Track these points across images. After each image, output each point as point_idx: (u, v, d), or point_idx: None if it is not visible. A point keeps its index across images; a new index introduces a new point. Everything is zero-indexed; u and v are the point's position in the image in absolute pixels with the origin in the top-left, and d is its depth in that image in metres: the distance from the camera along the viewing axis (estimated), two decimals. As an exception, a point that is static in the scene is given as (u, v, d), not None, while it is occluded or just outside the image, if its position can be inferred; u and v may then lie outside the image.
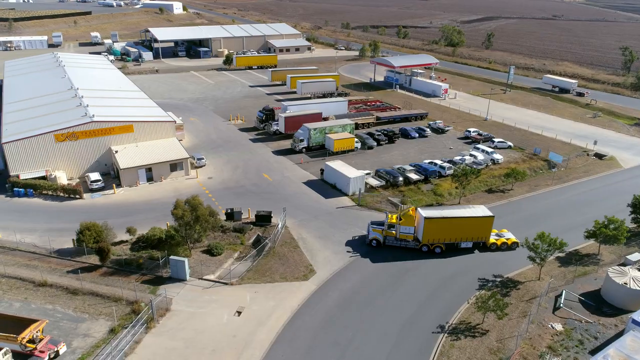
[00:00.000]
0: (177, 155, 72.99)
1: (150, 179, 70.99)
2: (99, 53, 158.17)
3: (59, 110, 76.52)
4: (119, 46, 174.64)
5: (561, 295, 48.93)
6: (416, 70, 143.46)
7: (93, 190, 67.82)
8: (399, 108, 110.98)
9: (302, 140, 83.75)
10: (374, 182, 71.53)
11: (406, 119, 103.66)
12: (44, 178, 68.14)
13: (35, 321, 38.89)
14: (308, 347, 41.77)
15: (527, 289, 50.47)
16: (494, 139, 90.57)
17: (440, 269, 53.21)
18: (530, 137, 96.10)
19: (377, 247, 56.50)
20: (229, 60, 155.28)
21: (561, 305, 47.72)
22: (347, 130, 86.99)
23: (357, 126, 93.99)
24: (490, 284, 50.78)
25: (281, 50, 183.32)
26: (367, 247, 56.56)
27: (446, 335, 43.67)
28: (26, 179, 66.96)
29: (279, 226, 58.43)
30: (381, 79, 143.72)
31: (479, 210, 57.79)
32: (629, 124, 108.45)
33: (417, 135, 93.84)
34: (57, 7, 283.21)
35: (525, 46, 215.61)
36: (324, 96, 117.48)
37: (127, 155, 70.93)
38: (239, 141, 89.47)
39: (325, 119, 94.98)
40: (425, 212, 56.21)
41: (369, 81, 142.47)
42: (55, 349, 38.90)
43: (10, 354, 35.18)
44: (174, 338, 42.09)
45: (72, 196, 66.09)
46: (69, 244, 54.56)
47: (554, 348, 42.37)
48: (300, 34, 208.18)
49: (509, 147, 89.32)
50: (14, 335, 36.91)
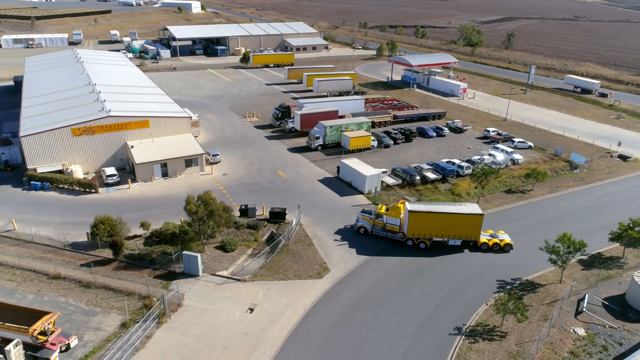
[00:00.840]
0: (192, 151, 72.73)
1: (165, 174, 70.84)
2: (117, 51, 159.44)
3: (76, 105, 76.91)
4: (137, 44, 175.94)
5: (584, 299, 47.23)
6: (434, 70, 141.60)
7: (108, 185, 67.88)
8: (417, 107, 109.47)
9: (317, 138, 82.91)
10: (390, 180, 70.35)
11: (423, 118, 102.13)
12: (60, 172, 68.47)
13: (47, 313, 38.68)
14: (321, 346, 40.86)
15: (548, 291, 48.84)
16: (513, 139, 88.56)
17: (457, 270, 51.83)
18: (551, 137, 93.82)
19: (365, 234, 57.15)
20: (245, 59, 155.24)
21: (584, 309, 46.02)
22: (364, 128, 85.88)
23: (373, 124, 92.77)
24: (509, 286, 49.27)
25: (298, 49, 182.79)
26: (377, 243, 55.77)
27: (463, 337, 42.37)
28: (43, 173, 67.32)
29: (293, 223, 57.63)
30: (398, 78, 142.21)
31: (468, 207, 55.92)
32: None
33: (434, 134, 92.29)
34: (78, 6, 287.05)
35: (546, 46, 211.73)
36: (340, 95, 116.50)
37: (143, 151, 70.88)
38: (255, 138, 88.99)
39: (342, 117, 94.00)
40: (410, 206, 55.42)
41: (386, 80, 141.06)
42: (67, 342, 38.64)
43: (21, 345, 34.96)
44: (186, 334, 41.55)
45: (88, 190, 66.24)
46: (83, 237, 54.54)
47: (576, 353, 40.78)
48: (318, 32, 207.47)
49: (529, 147, 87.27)
50: (26, 327, 36.71)
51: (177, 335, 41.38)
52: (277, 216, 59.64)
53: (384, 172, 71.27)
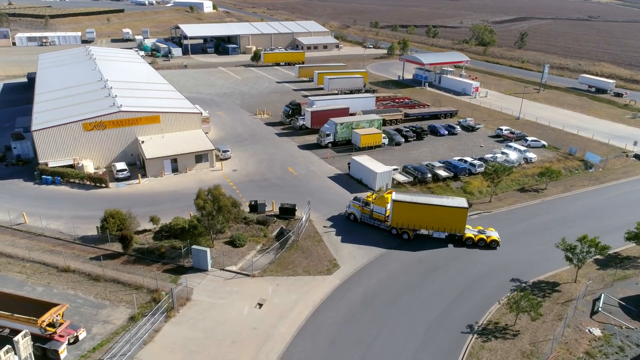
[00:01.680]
0: (203, 146, 72.57)
1: (175, 169, 70.75)
2: (130, 49, 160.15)
3: (88, 101, 77.12)
4: (149, 42, 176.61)
5: (599, 298, 46.16)
6: (446, 69, 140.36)
7: (119, 180, 67.92)
8: (428, 105, 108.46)
9: (328, 135, 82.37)
10: (401, 178, 69.58)
11: (435, 116, 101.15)
12: (71, 166, 68.62)
13: (55, 305, 38.53)
14: (330, 342, 40.31)
15: (562, 291, 47.85)
16: (527, 138, 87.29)
17: (469, 269, 50.98)
18: (565, 136, 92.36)
19: (354, 221, 58.70)
20: (256, 57, 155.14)
21: (600, 309, 44.98)
22: (375, 126, 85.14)
23: (384, 122, 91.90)
24: (522, 285, 48.31)
25: (309, 48, 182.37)
26: (384, 235, 55.26)
27: (476, 335, 41.57)
28: (54, 167, 67.53)
29: (303, 219, 57.16)
30: (410, 76, 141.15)
31: (454, 201, 55.51)
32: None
33: (446, 132, 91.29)
34: (92, 5, 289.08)
35: (559, 46, 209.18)
36: (351, 93, 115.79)
37: (153, 146, 70.85)
38: (265, 135, 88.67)
39: (352, 114, 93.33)
40: (395, 195, 56.04)
41: (397, 79, 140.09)
42: (75, 334, 38.51)
43: (30, 336, 34.81)
44: (194, 328, 41.23)
45: (98, 185, 66.32)
46: (93, 231, 54.53)
47: (592, 354, 39.80)
48: (329, 31, 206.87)
49: (543, 146, 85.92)
50: (34, 318, 36.58)
51: (185, 329, 41.07)
52: (287, 212, 59.20)
53: (395, 170, 70.52)
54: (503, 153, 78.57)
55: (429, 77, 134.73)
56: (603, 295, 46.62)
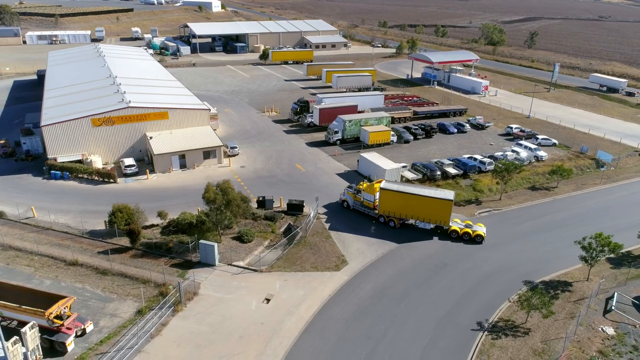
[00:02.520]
0: (211, 143, 72.41)
1: (183, 165, 70.66)
2: (138, 47, 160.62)
3: (96, 97, 77.28)
4: (158, 41, 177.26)
5: (613, 297, 45.34)
6: (455, 67, 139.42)
7: (127, 175, 67.93)
8: (437, 103, 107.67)
9: (336, 132, 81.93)
10: (410, 175, 68.98)
11: (444, 114, 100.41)
12: (80, 162, 68.71)
13: (63, 297, 38.44)
14: (338, 338, 39.87)
15: (574, 289, 47.07)
16: (537, 136, 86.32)
17: (479, 266, 50.32)
18: (576, 135, 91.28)
19: (347, 208, 60.29)
20: (265, 55, 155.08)
21: (613, 308, 44.16)
22: (383, 123, 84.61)
23: (393, 120, 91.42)
24: (533, 283, 47.59)
25: (317, 47, 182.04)
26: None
27: (486, 333, 40.94)
28: (63, 162, 67.62)
29: (311, 216, 56.76)
30: (418, 75, 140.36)
31: (440, 192, 55.60)
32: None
33: (455, 130, 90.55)
34: (101, 4, 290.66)
35: (570, 46, 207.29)
36: (359, 91, 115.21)
37: (161, 142, 70.81)
38: (273, 132, 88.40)
39: (361, 112, 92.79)
40: (383, 184, 57.00)
41: (405, 77, 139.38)
42: (82, 327, 38.40)
43: (37, 328, 34.70)
44: (201, 322, 40.96)
45: (107, 180, 66.35)
46: (101, 225, 54.50)
47: (605, 353, 39.05)
48: (337, 30, 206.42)
49: (554, 144, 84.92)
50: (42, 310, 36.49)
51: (192, 323, 40.81)
52: (295, 208, 58.84)
53: (403, 167, 69.91)
54: (513, 151, 77.73)
55: (438, 75, 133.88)
56: (616, 293, 45.79)
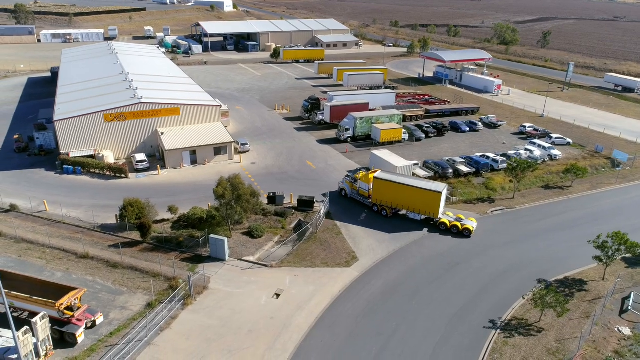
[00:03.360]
0: (222, 139, 72.39)
1: (194, 161, 70.72)
2: (151, 45, 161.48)
3: (109, 93, 77.65)
4: (170, 39, 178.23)
5: (629, 297, 44.43)
6: (467, 66, 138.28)
7: (138, 171, 68.14)
8: (449, 102, 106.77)
9: (347, 130, 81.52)
10: (421, 173, 68.32)
11: (456, 113, 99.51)
12: (92, 157, 69.08)
13: (74, 289, 38.48)
14: (349, 334, 39.46)
15: (589, 289, 46.19)
16: (551, 135, 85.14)
17: (492, 264, 49.61)
18: (590, 134, 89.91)
19: (345, 197, 61.87)
20: (276, 54, 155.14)
21: (629, 308, 43.26)
22: (395, 121, 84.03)
23: (405, 119, 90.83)
24: (547, 282, 46.79)
25: (328, 46, 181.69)
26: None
27: (499, 331, 40.27)
28: (75, 157, 68.04)
29: (322, 212, 56.41)
30: (430, 74, 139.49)
31: (431, 184, 56.11)
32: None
33: (467, 129, 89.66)
34: (114, 4, 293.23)
35: (584, 46, 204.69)
36: (370, 89, 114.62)
37: (173, 138, 70.92)
38: (284, 130, 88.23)
39: (372, 110, 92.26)
40: (377, 174, 58.36)
41: (417, 76, 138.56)
42: (93, 319, 38.42)
43: (48, 319, 34.72)
44: (211, 316, 40.79)
45: (118, 175, 66.61)
46: (112, 220, 54.66)
47: (621, 353, 38.20)
48: (348, 29, 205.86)
49: (568, 143, 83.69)
50: (53, 301, 36.55)
51: (202, 317, 40.66)
52: (305, 204, 58.55)
53: (415, 165, 69.32)
54: (527, 150, 76.74)
55: (450, 74, 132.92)
56: (633, 293, 44.85)
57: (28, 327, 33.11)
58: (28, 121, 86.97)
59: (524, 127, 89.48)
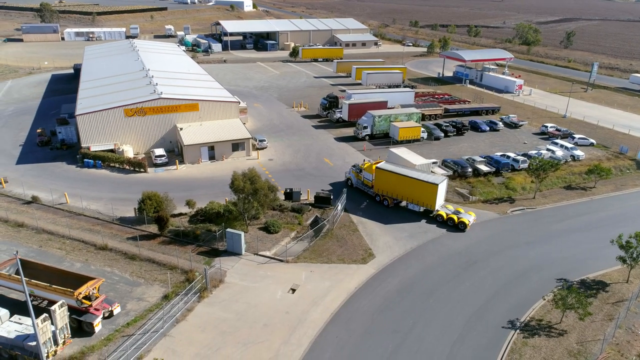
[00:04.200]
0: (240, 135, 72.59)
1: (212, 157, 71.06)
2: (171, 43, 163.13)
3: (129, 88, 78.55)
4: (190, 38, 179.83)
5: (654, 300, 43.14)
6: (488, 66, 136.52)
7: (157, 165, 68.72)
8: (469, 102, 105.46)
9: (365, 127, 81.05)
10: (440, 171, 67.45)
11: (476, 112, 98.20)
12: (112, 151, 69.89)
13: (92, 279, 38.87)
14: (364, 331, 39.08)
15: (612, 291, 45.02)
16: (574, 135, 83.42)
17: (512, 264, 48.70)
18: (615, 135, 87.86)
19: (351, 186, 63.02)
20: (295, 52, 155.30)
21: (654, 311, 42.00)
22: (414, 120, 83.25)
23: (424, 117, 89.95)
24: (569, 283, 45.71)
25: (347, 45, 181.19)
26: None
27: (518, 331, 39.45)
28: (96, 151, 68.92)
29: (339, 208, 56.09)
30: (450, 74, 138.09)
31: (429, 176, 56.95)
32: None
33: (487, 128, 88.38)
34: (136, 3, 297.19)
35: (608, 47, 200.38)
36: (389, 88, 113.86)
37: (191, 133, 71.36)
38: (301, 127, 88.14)
39: (391, 108, 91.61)
40: (380, 164, 59.49)
41: (437, 76, 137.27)
42: (110, 309, 38.77)
43: (66, 307, 35.10)
44: (226, 309, 40.80)
45: (137, 169, 67.26)
46: (130, 213, 55.17)
47: (646, 357, 37.08)
48: (367, 29, 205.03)
49: (591, 144, 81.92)
50: (71, 290, 36.95)
51: (217, 310, 40.70)
52: (322, 201, 58.32)
53: (433, 163, 68.52)
54: (548, 150, 75.31)
55: (470, 74, 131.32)
56: (658, 296, 43.59)
57: (47, 315, 33.52)
58: (51, 116, 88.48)
59: (546, 127, 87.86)
